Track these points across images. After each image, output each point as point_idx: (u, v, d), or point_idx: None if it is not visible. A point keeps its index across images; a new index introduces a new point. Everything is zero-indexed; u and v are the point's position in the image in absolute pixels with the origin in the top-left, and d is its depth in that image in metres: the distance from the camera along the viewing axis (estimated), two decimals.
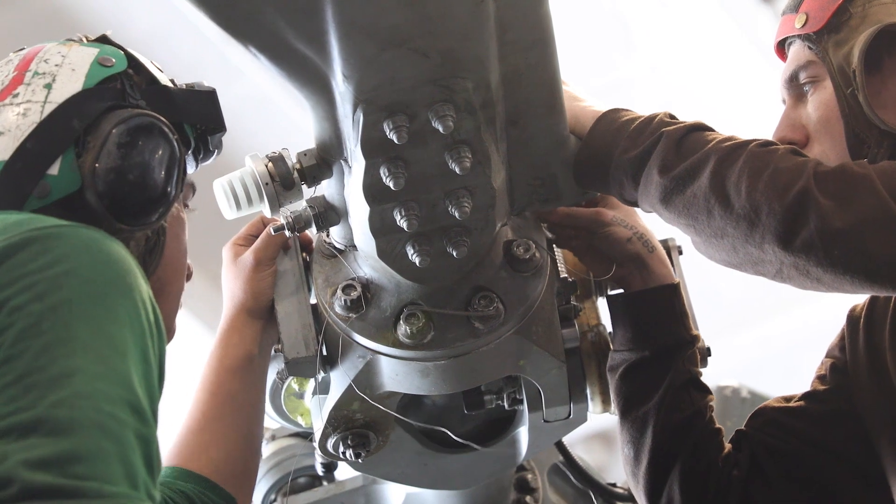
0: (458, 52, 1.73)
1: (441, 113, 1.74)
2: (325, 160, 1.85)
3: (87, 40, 1.76)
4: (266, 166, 1.86)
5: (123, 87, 1.71)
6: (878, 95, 1.88)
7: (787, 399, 2.11)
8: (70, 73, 1.68)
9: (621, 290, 2.10)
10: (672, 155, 1.80)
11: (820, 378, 2.10)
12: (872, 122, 1.87)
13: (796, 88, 1.98)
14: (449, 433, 2.02)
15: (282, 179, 1.85)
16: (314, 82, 1.75)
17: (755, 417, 2.11)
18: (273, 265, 2.00)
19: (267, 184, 1.85)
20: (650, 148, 1.82)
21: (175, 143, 1.69)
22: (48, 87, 1.66)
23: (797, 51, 1.97)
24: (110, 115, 1.66)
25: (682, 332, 2.07)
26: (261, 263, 1.98)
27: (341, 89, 1.74)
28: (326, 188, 1.90)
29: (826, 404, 2.06)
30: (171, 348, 1.82)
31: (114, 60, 1.72)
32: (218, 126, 1.80)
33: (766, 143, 1.78)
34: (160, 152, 1.67)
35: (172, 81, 1.81)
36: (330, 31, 1.67)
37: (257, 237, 2.02)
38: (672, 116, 1.88)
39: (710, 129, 1.84)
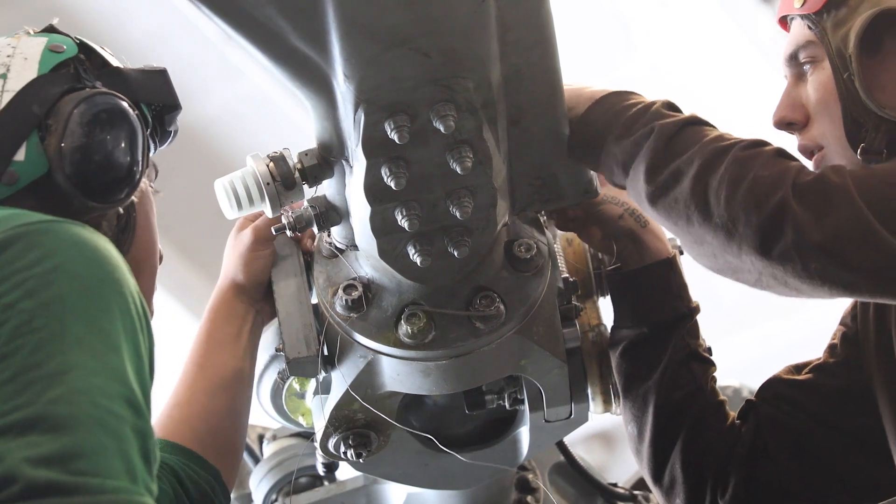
0: (459, 52, 1.73)
1: (442, 113, 1.74)
2: (326, 160, 1.85)
3: (34, 32, 1.77)
4: (267, 166, 1.86)
5: (77, 71, 1.72)
6: (878, 78, 1.87)
7: (799, 369, 2.10)
8: (23, 62, 1.69)
9: (618, 266, 2.11)
10: (661, 154, 1.79)
11: (831, 348, 2.09)
12: (869, 107, 1.86)
13: (796, 67, 1.96)
14: (434, 440, 2.02)
15: (283, 179, 1.85)
16: (315, 82, 1.75)
17: (764, 389, 2.11)
18: (271, 246, 2.00)
19: (268, 183, 1.85)
20: (641, 141, 1.81)
21: (136, 119, 1.70)
22: (3, 77, 1.67)
23: (797, 28, 1.96)
24: (69, 97, 1.67)
25: (680, 305, 2.08)
26: (258, 242, 1.99)
27: (342, 89, 1.74)
28: (327, 188, 1.90)
29: (836, 379, 2.05)
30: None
31: (64, 47, 1.73)
32: (173, 105, 1.81)
33: (754, 145, 1.76)
34: (123, 128, 1.68)
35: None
36: (331, 30, 1.67)
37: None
38: (670, 106, 1.86)
39: (706, 124, 1.83)
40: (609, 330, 2.13)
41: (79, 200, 1.64)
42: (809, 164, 1.94)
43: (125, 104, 1.70)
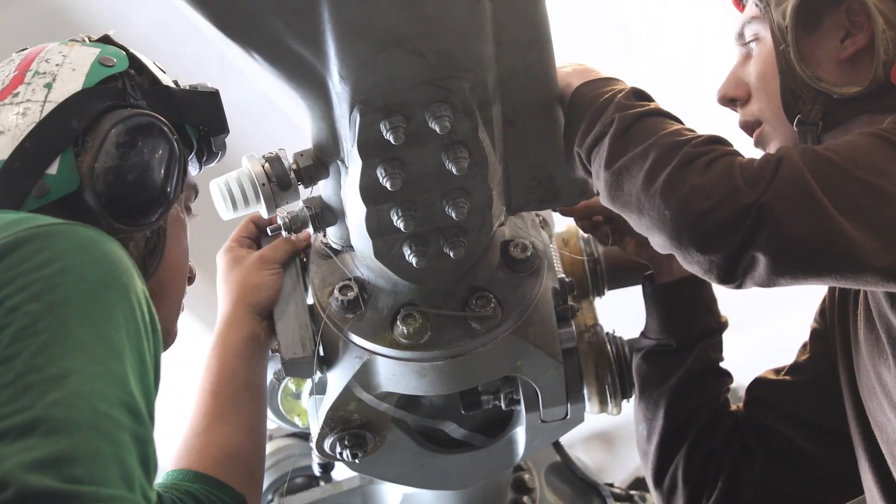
0: (455, 53, 1.73)
1: (438, 113, 1.74)
2: (321, 160, 1.85)
3: (90, 41, 1.76)
4: (263, 167, 1.86)
5: (124, 86, 1.71)
6: (814, 54, 1.87)
7: (779, 371, 2.15)
8: (70, 72, 1.68)
9: (650, 276, 2.15)
10: (619, 146, 1.75)
11: (803, 347, 2.14)
12: (804, 79, 1.86)
13: (743, 46, 1.98)
14: (467, 433, 2.02)
15: (278, 180, 1.85)
16: (311, 83, 1.75)
17: (746, 393, 2.16)
18: (279, 269, 1.97)
19: (263, 184, 1.85)
20: (603, 132, 1.78)
21: (175, 143, 1.69)
22: (48, 86, 1.66)
23: (748, 7, 1.98)
24: (109, 115, 1.66)
25: (710, 320, 2.13)
26: (266, 261, 1.96)
27: (338, 90, 1.74)
28: (323, 188, 1.90)
29: (805, 374, 2.10)
30: (170, 348, 1.81)
31: (115, 60, 1.72)
32: (220, 127, 1.80)
33: (708, 142, 1.71)
34: (159, 152, 1.67)
35: (176, 83, 1.80)
36: (327, 31, 1.67)
37: (250, 238, 2.01)
38: (636, 95, 1.82)
39: (665, 116, 1.79)
40: (604, 331, 2.14)
41: (106, 221, 1.63)
42: (750, 141, 1.96)
43: (165, 128, 1.68)
